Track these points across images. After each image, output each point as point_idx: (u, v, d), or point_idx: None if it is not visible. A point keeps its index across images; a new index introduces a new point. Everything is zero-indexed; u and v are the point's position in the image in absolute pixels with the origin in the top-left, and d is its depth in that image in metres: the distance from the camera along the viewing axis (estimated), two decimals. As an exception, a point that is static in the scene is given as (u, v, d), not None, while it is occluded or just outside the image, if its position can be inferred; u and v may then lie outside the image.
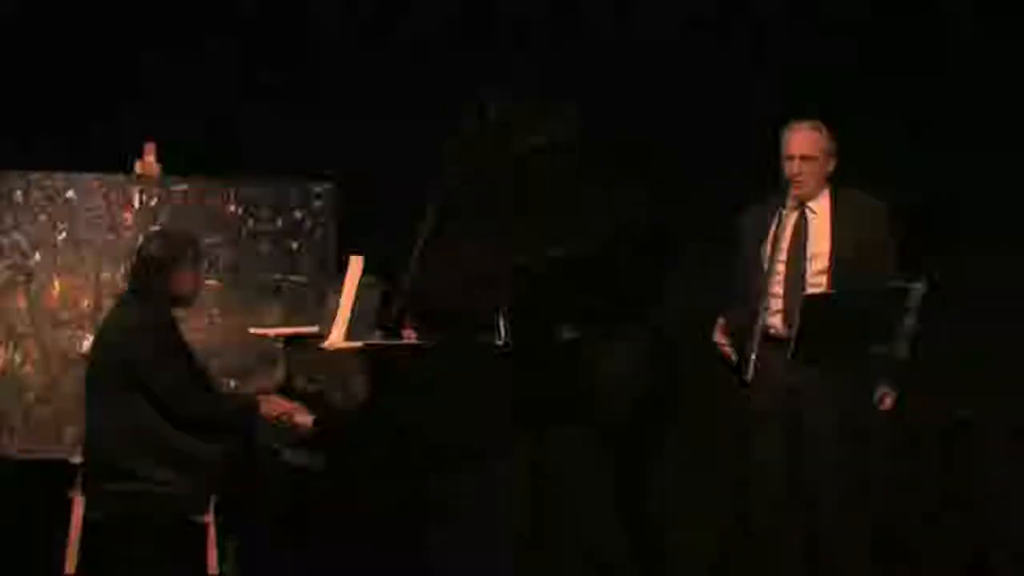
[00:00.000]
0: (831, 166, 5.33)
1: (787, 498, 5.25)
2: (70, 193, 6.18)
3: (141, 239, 5.61)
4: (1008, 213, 6.03)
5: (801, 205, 5.31)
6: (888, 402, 5.26)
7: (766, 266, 5.25)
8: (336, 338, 5.42)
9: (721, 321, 5.46)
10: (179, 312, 5.40)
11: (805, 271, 5.25)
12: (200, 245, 5.50)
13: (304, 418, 5.28)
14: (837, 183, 5.35)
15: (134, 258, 5.38)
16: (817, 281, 5.23)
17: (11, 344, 6.10)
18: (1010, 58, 6.09)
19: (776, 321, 5.24)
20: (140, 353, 5.15)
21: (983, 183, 6.01)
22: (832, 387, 5.17)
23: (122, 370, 5.16)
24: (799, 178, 5.28)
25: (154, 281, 5.27)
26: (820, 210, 5.31)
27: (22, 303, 6.12)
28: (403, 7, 6.50)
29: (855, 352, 5.02)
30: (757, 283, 5.27)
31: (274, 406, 5.33)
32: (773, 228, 5.27)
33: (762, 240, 5.31)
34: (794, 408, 5.21)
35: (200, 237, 5.99)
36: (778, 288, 5.26)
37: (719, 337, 5.45)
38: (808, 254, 5.27)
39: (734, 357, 5.37)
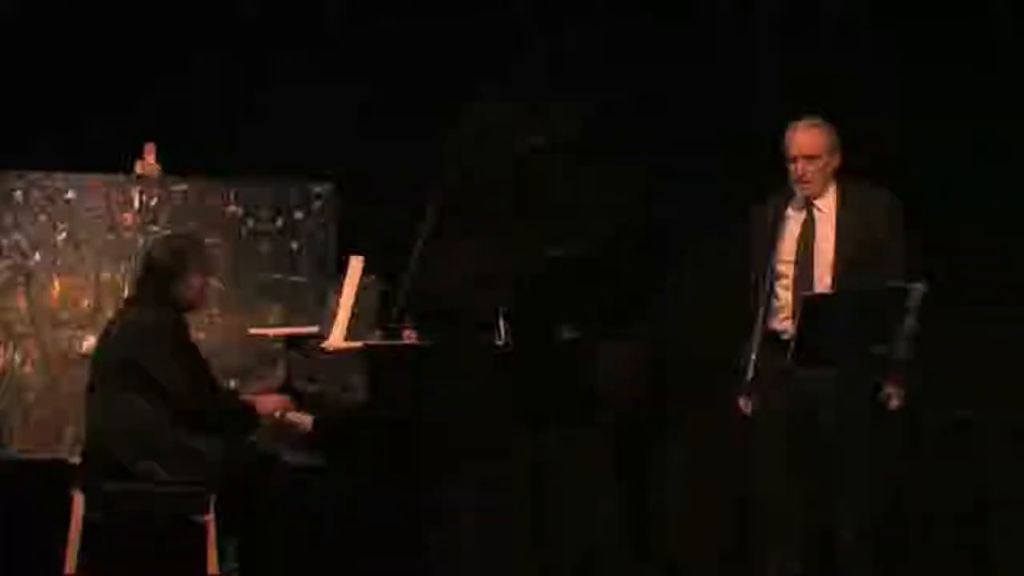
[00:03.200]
0: (835, 162, 5.29)
1: (787, 499, 5.25)
2: (70, 193, 6.18)
3: (147, 243, 5.57)
4: (1008, 212, 6.03)
5: (808, 204, 5.28)
6: (895, 402, 5.22)
7: (775, 267, 5.22)
8: (336, 338, 5.42)
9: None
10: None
11: (813, 274, 5.22)
12: (206, 247, 5.49)
13: (304, 418, 5.28)
14: (845, 178, 5.31)
15: (140, 263, 5.35)
16: (823, 282, 5.22)
17: (11, 344, 6.10)
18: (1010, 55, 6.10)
19: (786, 323, 5.21)
20: (145, 353, 5.14)
21: (983, 183, 6.01)
22: (832, 388, 5.16)
23: (125, 370, 5.15)
24: (805, 179, 5.23)
25: (161, 287, 5.25)
26: (827, 208, 5.27)
27: (22, 303, 6.13)
28: (403, 6, 6.50)
29: (855, 352, 5.02)
30: (759, 282, 5.26)
31: (269, 404, 5.34)
32: (782, 229, 5.23)
33: (770, 239, 5.28)
34: (796, 409, 5.20)
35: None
36: (786, 290, 5.24)
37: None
38: (815, 254, 5.24)
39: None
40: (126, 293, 5.56)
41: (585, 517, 5.94)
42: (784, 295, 5.24)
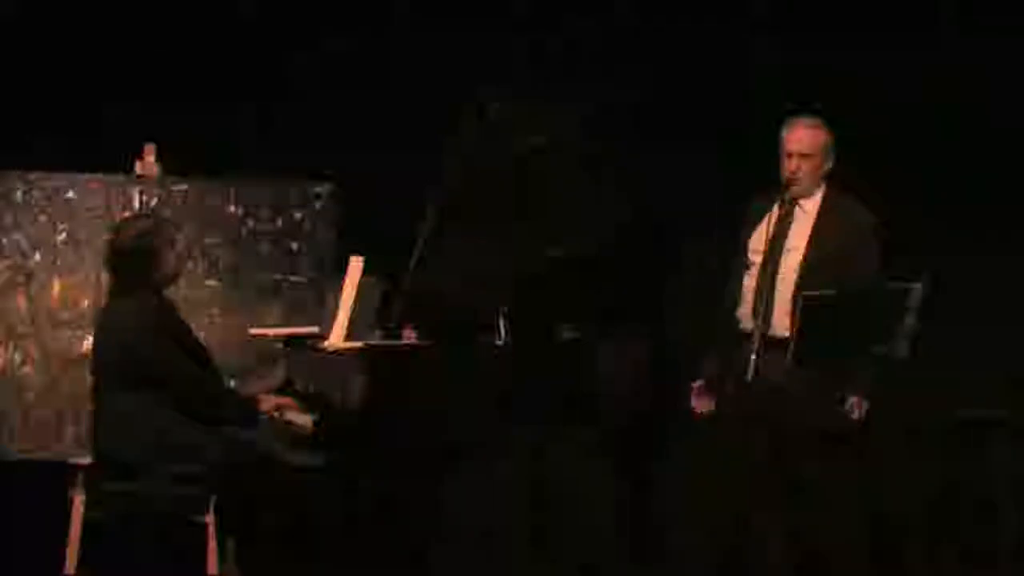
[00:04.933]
0: (828, 165, 5.28)
1: (783, 499, 5.25)
2: (70, 193, 6.18)
3: (111, 232, 5.50)
4: (1008, 212, 6.03)
5: (792, 202, 5.27)
6: (859, 412, 5.21)
7: (749, 259, 5.22)
8: (336, 338, 5.42)
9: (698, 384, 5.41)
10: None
11: (779, 267, 5.20)
12: (168, 222, 5.46)
13: (304, 418, 5.28)
14: (834, 185, 5.31)
15: (109, 252, 5.31)
16: (788, 278, 5.18)
17: (11, 344, 6.10)
18: (1007, 58, 6.11)
19: (744, 313, 5.21)
20: (140, 344, 5.12)
21: (983, 182, 6.02)
22: (829, 388, 5.16)
23: (133, 368, 5.13)
24: (796, 175, 5.23)
25: (138, 270, 5.22)
26: (809, 208, 5.26)
27: (22, 303, 6.13)
28: (403, 6, 6.50)
29: (855, 352, 5.01)
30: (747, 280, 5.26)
31: (272, 400, 5.35)
32: (764, 224, 5.23)
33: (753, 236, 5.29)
34: (788, 408, 5.19)
35: (199, 236, 6.02)
36: (752, 281, 5.22)
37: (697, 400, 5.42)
38: (784, 249, 5.22)
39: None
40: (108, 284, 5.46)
41: (585, 517, 5.94)
42: (750, 284, 5.22)
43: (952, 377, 5.92)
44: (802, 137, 5.24)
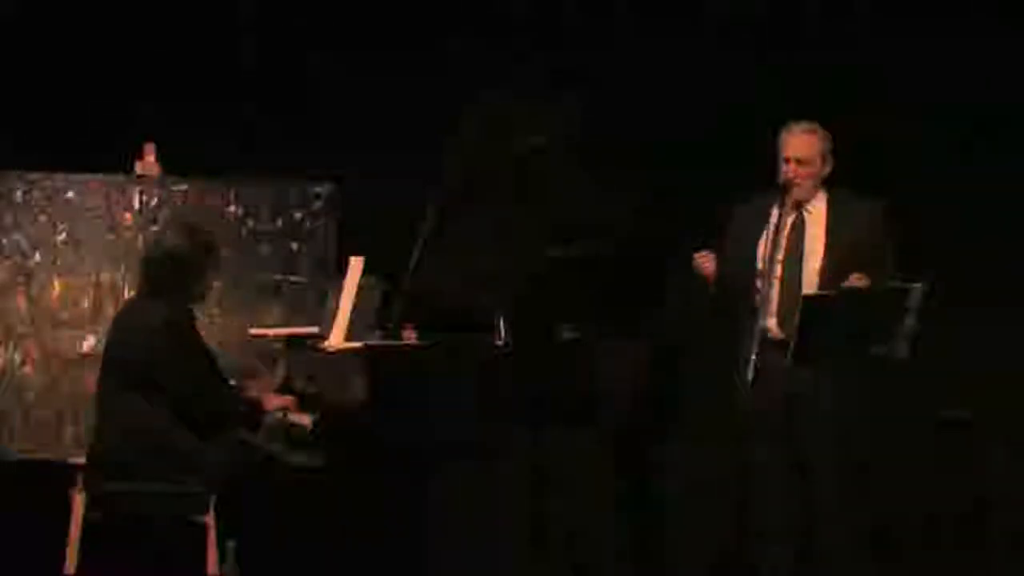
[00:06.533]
0: (827, 169, 5.30)
1: (784, 499, 5.25)
2: (70, 193, 6.18)
3: (161, 233, 5.48)
4: (1007, 213, 6.04)
5: (798, 207, 5.29)
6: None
7: (761, 267, 5.23)
8: (336, 338, 5.42)
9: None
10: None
11: (802, 273, 5.23)
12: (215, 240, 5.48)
13: (303, 418, 5.29)
14: (832, 185, 5.32)
15: (156, 253, 5.29)
16: (811, 282, 5.21)
17: (11, 344, 6.10)
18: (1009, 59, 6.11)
19: (772, 324, 5.22)
20: (158, 352, 5.12)
21: (982, 183, 6.02)
22: (831, 388, 5.16)
23: (142, 369, 5.13)
24: (795, 181, 5.25)
25: (181, 280, 5.22)
26: (816, 212, 5.29)
27: (22, 303, 6.13)
28: (403, 7, 6.50)
29: (855, 353, 5.01)
30: (745, 281, 5.26)
31: (274, 401, 5.35)
32: (770, 229, 5.24)
33: (754, 239, 5.29)
34: (792, 409, 5.20)
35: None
36: (775, 290, 5.24)
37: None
38: (804, 256, 5.25)
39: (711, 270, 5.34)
40: (138, 281, 5.44)
41: (585, 517, 5.94)
42: (772, 294, 5.24)
43: (949, 377, 5.92)
44: (799, 143, 5.27)
